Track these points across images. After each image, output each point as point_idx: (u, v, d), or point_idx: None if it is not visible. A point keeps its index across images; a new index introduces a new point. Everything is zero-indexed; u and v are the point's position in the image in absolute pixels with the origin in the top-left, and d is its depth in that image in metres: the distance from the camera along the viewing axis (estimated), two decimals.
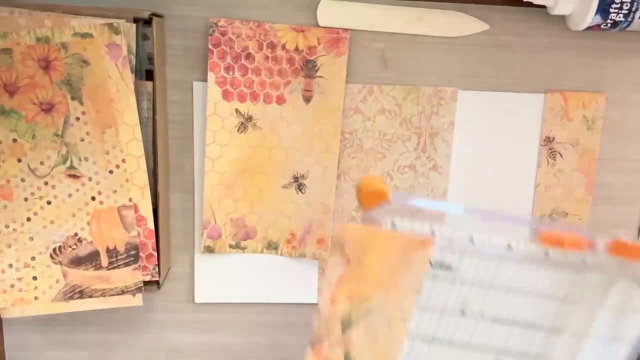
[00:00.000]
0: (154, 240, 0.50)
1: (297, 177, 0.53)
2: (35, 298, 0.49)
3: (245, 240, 0.53)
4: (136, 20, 0.47)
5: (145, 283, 0.50)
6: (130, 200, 0.49)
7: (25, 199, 0.48)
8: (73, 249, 0.49)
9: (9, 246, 0.49)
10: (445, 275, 0.38)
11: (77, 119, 0.47)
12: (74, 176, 0.48)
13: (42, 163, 0.48)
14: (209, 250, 0.53)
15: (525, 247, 0.37)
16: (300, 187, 0.53)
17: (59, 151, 0.48)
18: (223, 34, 0.50)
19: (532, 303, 0.39)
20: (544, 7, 0.49)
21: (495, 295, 0.39)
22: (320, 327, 0.43)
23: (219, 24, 0.50)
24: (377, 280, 0.41)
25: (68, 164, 0.48)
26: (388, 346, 0.42)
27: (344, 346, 0.42)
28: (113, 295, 0.50)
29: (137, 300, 0.50)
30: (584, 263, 0.37)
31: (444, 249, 0.37)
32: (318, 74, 0.51)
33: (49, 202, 0.48)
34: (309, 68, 0.51)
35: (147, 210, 0.49)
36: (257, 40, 0.50)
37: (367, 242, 0.41)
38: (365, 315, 0.42)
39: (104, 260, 0.49)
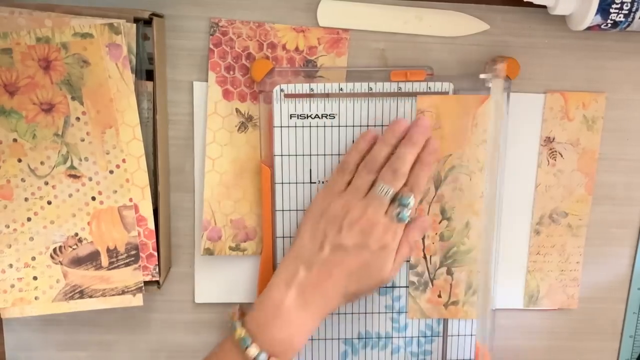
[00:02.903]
0: (155, 240, 0.50)
1: None
2: (36, 298, 0.49)
3: (245, 242, 0.53)
4: (136, 20, 0.47)
5: (146, 283, 0.50)
6: (130, 200, 0.49)
7: (26, 199, 0.48)
8: (73, 249, 0.49)
9: (9, 246, 0.49)
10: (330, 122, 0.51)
11: (78, 119, 0.47)
12: (74, 176, 0.48)
13: (42, 163, 0.48)
14: (209, 252, 0.53)
15: (382, 85, 0.51)
16: None
17: (59, 151, 0.48)
18: (224, 34, 0.50)
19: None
20: (544, 7, 0.49)
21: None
22: None
23: (220, 24, 0.50)
24: (453, 138, 0.52)
25: (68, 164, 0.48)
26: (471, 195, 0.52)
27: (439, 203, 0.52)
28: (113, 295, 0.50)
29: (138, 300, 0.50)
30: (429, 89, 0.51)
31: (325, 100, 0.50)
32: (318, 74, 0.51)
33: (49, 202, 0.48)
34: (309, 68, 0.51)
35: (147, 210, 0.49)
36: (258, 41, 0.50)
37: (439, 107, 0.51)
38: (450, 171, 0.52)
39: (104, 260, 0.49)
